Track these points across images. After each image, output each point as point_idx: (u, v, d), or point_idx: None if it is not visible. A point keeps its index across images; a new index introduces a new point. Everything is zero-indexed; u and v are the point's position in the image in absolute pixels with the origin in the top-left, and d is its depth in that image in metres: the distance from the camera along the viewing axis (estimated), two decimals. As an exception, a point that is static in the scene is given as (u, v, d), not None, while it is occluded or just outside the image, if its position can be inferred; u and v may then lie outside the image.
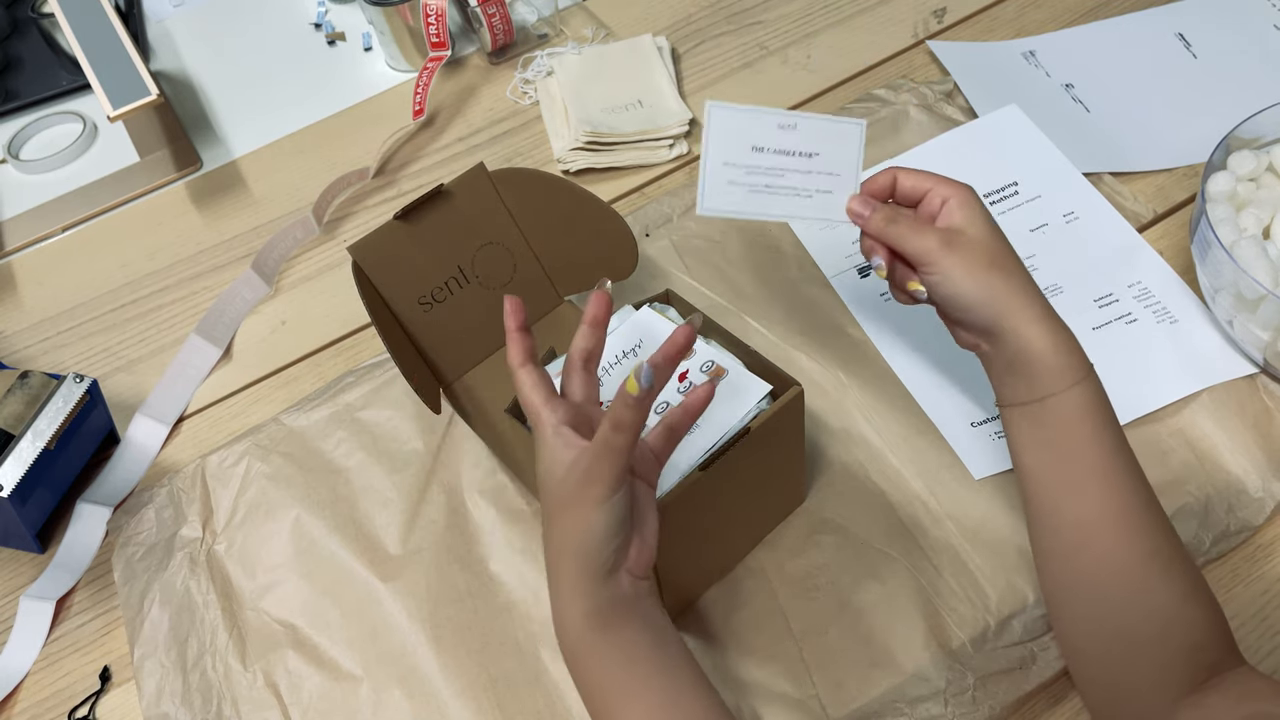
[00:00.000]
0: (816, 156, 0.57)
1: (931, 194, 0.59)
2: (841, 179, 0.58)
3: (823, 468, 0.72)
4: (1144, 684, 0.53)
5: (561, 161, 0.94)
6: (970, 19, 1.02)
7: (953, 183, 0.59)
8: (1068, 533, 0.55)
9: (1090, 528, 0.54)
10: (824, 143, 0.57)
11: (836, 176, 0.58)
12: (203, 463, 0.78)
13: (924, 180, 0.59)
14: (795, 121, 0.56)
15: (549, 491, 0.52)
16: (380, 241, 0.71)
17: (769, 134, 0.56)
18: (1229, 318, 0.72)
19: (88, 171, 1.01)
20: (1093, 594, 0.55)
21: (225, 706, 0.67)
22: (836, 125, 0.57)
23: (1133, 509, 0.54)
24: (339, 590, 0.70)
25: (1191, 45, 0.96)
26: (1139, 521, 0.54)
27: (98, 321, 0.90)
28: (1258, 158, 0.75)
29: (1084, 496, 0.55)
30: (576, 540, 0.51)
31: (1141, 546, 0.53)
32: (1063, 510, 0.55)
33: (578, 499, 0.50)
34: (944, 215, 0.58)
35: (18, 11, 1.13)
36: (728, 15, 1.06)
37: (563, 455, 0.51)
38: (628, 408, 0.48)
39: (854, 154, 0.58)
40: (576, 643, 0.52)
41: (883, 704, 0.62)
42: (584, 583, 0.51)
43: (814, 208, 0.58)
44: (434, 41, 1.00)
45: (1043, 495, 0.56)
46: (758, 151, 0.57)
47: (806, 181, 0.58)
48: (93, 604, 0.73)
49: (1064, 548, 0.56)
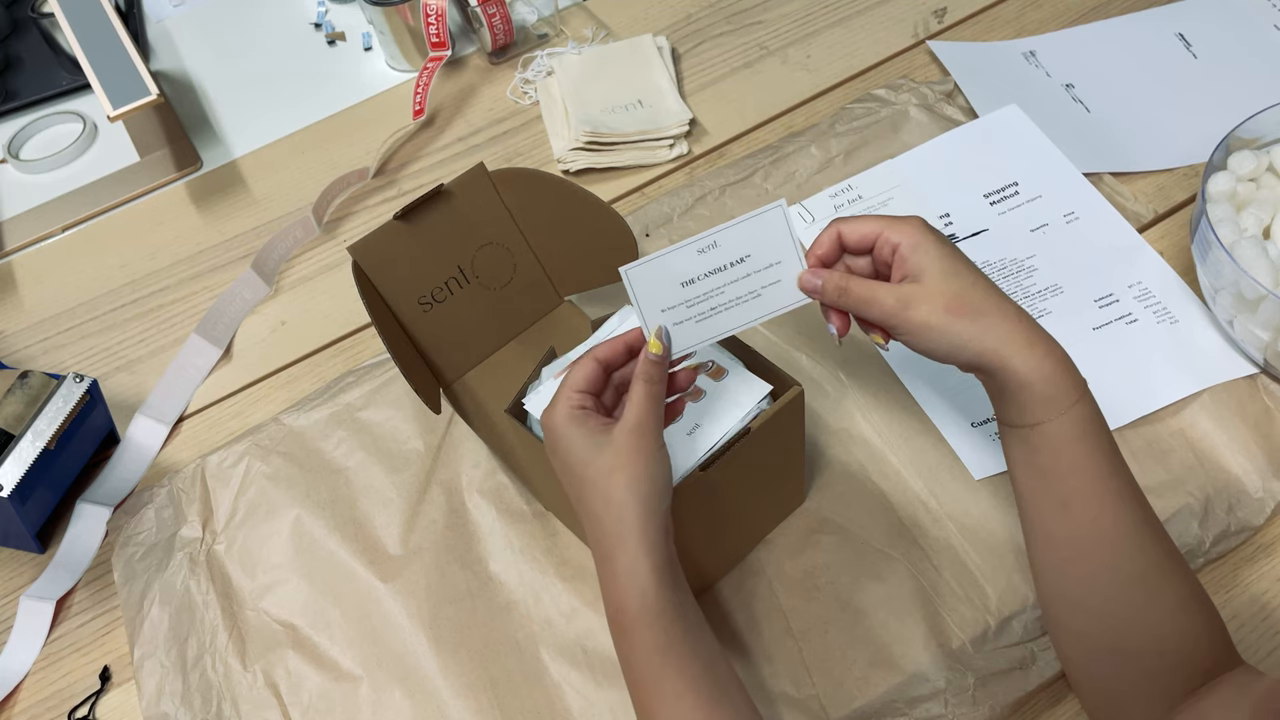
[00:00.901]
0: (748, 258, 0.56)
1: (880, 240, 0.56)
2: (784, 264, 0.56)
3: (823, 468, 0.72)
4: (1139, 692, 0.53)
5: (561, 161, 0.94)
6: (970, 19, 1.02)
7: (898, 223, 0.56)
8: (1060, 549, 0.55)
9: (1082, 546, 0.54)
10: (749, 242, 0.56)
11: (778, 264, 0.56)
12: (203, 463, 0.78)
13: (869, 227, 0.56)
14: (713, 239, 0.55)
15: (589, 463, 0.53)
16: (380, 241, 0.71)
17: (691, 264, 0.56)
18: (1229, 318, 0.72)
19: (88, 171, 1.01)
20: (1085, 608, 0.55)
21: (225, 706, 0.67)
22: (755, 219, 0.55)
23: (1123, 529, 0.53)
24: (339, 590, 0.70)
25: (1191, 45, 0.96)
26: (1131, 541, 0.53)
27: (98, 321, 0.90)
28: (1258, 158, 0.75)
29: (1076, 517, 0.54)
30: (640, 495, 0.52)
31: (1134, 565, 0.53)
32: (1054, 528, 0.55)
33: (629, 457, 0.52)
34: (896, 265, 0.56)
35: (18, 11, 1.13)
36: (728, 15, 1.06)
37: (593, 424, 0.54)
38: (654, 364, 0.54)
39: (784, 235, 0.56)
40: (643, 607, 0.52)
41: (883, 704, 0.62)
42: (650, 535, 0.52)
43: (770, 303, 0.57)
44: (434, 41, 1.00)
45: (1035, 513, 0.56)
46: (689, 285, 0.56)
47: (750, 284, 0.57)
48: (93, 604, 0.73)
49: (1056, 562, 0.56)
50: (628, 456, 0.52)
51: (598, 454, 0.53)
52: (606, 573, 0.53)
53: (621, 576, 0.52)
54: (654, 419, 0.54)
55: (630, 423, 0.53)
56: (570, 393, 0.55)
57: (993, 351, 0.53)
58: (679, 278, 0.56)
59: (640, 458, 0.52)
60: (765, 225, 0.56)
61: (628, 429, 0.53)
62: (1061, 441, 0.54)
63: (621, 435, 0.53)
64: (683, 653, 0.52)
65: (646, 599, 0.52)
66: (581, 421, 0.54)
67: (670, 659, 0.52)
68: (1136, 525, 0.54)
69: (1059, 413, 0.53)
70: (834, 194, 0.87)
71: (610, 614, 0.54)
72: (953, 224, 0.84)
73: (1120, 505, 0.54)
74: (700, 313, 0.57)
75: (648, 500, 0.52)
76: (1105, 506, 0.54)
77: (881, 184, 0.87)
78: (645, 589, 0.52)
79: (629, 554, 0.52)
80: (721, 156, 0.94)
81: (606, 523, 0.53)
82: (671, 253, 0.55)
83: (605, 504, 0.53)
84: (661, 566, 0.52)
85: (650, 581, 0.52)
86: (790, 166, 0.90)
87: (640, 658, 0.52)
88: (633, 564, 0.52)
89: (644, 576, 0.52)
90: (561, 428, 0.54)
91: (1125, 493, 0.54)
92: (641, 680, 0.52)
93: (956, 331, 0.54)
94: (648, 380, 0.54)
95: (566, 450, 0.54)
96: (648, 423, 0.53)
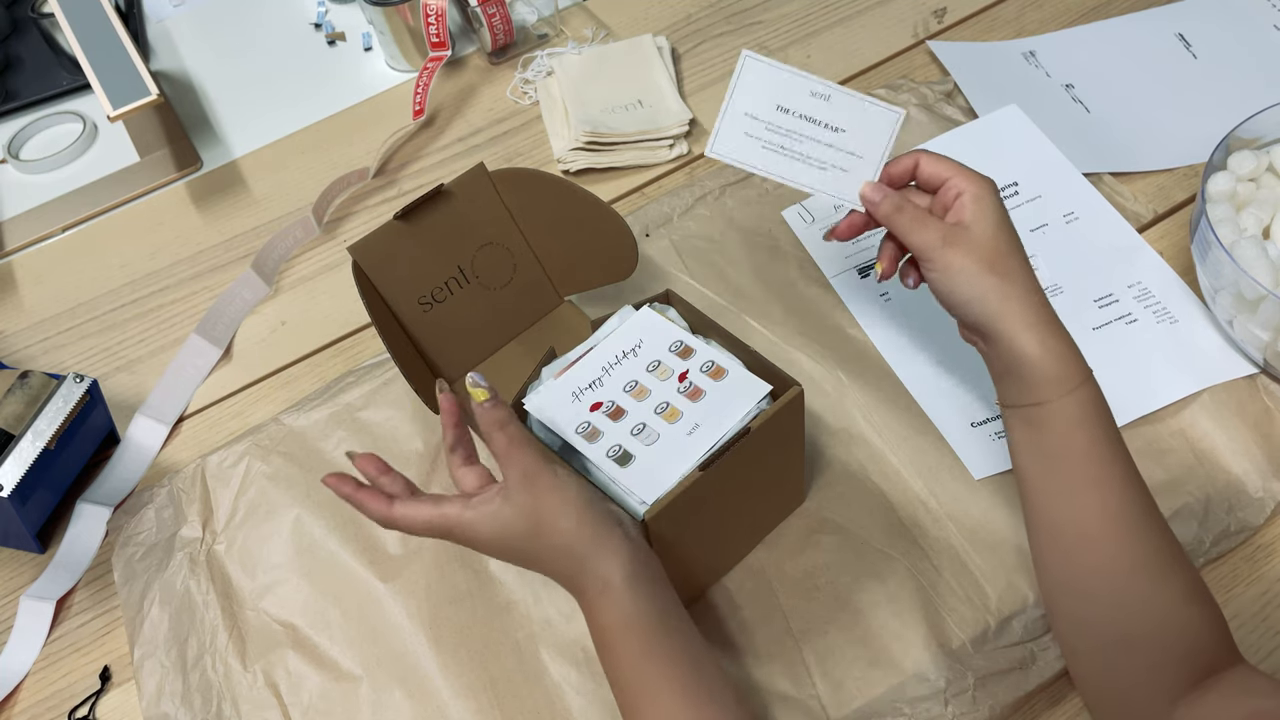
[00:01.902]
0: (842, 132, 0.56)
1: (949, 184, 0.58)
2: (863, 161, 0.57)
3: (823, 468, 0.72)
4: (1140, 685, 0.53)
5: (561, 161, 0.94)
6: (970, 19, 1.02)
7: (971, 175, 0.58)
8: (1062, 537, 0.55)
9: (1084, 533, 0.54)
10: (854, 121, 0.56)
11: (858, 158, 0.57)
12: (203, 463, 0.78)
13: (945, 168, 0.59)
14: (830, 92, 0.55)
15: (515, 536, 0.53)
16: (380, 241, 0.71)
17: (799, 97, 0.55)
18: (1229, 318, 0.72)
19: (88, 171, 1.01)
20: (1087, 597, 0.55)
21: (225, 706, 0.67)
22: (872, 107, 0.56)
23: (1127, 516, 0.54)
24: (339, 590, 0.70)
25: (1191, 45, 0.96)
26: (1134, 528, 0.54)
27: (98, 321, 0.90)
28: (1258, 158, 0.75)
29: (1078, 503, 0.54)
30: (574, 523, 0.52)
31: (1136, 552, 0.53)
32: (1057, 515, 0.55)
33: (538, 504, 0.52)
34: (955, 209, 0.58)
35: (18, 11, 1.13)
36: (728, 15, 1.06)
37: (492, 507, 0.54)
38: (493, 408, 0.54)
39: (883, 140, 0.56)
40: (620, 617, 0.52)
41: (883, 704, 0.62)
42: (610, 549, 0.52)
43: (825, 181, 0.57)
44: (434, 41, 1.00)
45: (1037, 499, 0.56)
46: (783, 111, 0.55)
47: (825, 154, 0.57)
48: (93, 604, 0.73)
49: (1059, 551, 0.56)
50: (537, 505, 0.52)
51: (514, 525, 0.53)
52: (583, 605, 0.54)
53: (594, 596, 0.53)
54: (529, 456, 0.53)
55: (516, 478, 0.53)
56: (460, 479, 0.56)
57: (1002, 317, 0.55)
58: (780, 100, 0.55)
59: (548, 497, 0.53)
60: (876, 119, 0.56)
61: (518, 483, 0.53)
62: (1066, 424, 0.54)
63: (519, 494, 0.53)
64: (667, 656, 0.52)
65: (623, 606, 0.52)
66: (479, 507, 0.54)
67: (654, 663, 0.52)
68: (1142, 513, 0.54)
69: (1064, 392, 0.54)
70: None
71: (596, 640, 0.54)
72: (953, 224, 0.84)
73: (1127, 492, 0.54)
74: (769, 142, 0.56)
75: (584, 521, 0.53)
76: (1112, 493, 0.54)
77: (881, 184, 0.87)
78: (620, 596, 0.52)
79: (595, 571, 0.52)
80: (721, 156, 0.94)
81: (565, 566, 0.53)
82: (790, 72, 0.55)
83: (554, 555, 0.53)
84: (634, 574, 0.52)
85: (623, 588, 0.52)
86: (790, 166, 0.90)
87: (626, 666, 0.52)
88: (602, 579, 0.52)
89: (617, 589, 0.52)
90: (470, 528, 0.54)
91: (1131, 478, 0.55)
92: (628, 687, 0.53)
93: (982, 284, 0.55)
94: (499, 426, 0.54)
95: (489, 541, 0.54)
96: (527, 462, 0.53)
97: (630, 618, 0.52)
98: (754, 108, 0.55)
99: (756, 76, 0.55)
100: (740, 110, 0.55)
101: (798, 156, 0.57)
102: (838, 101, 0.56)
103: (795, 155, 0.57)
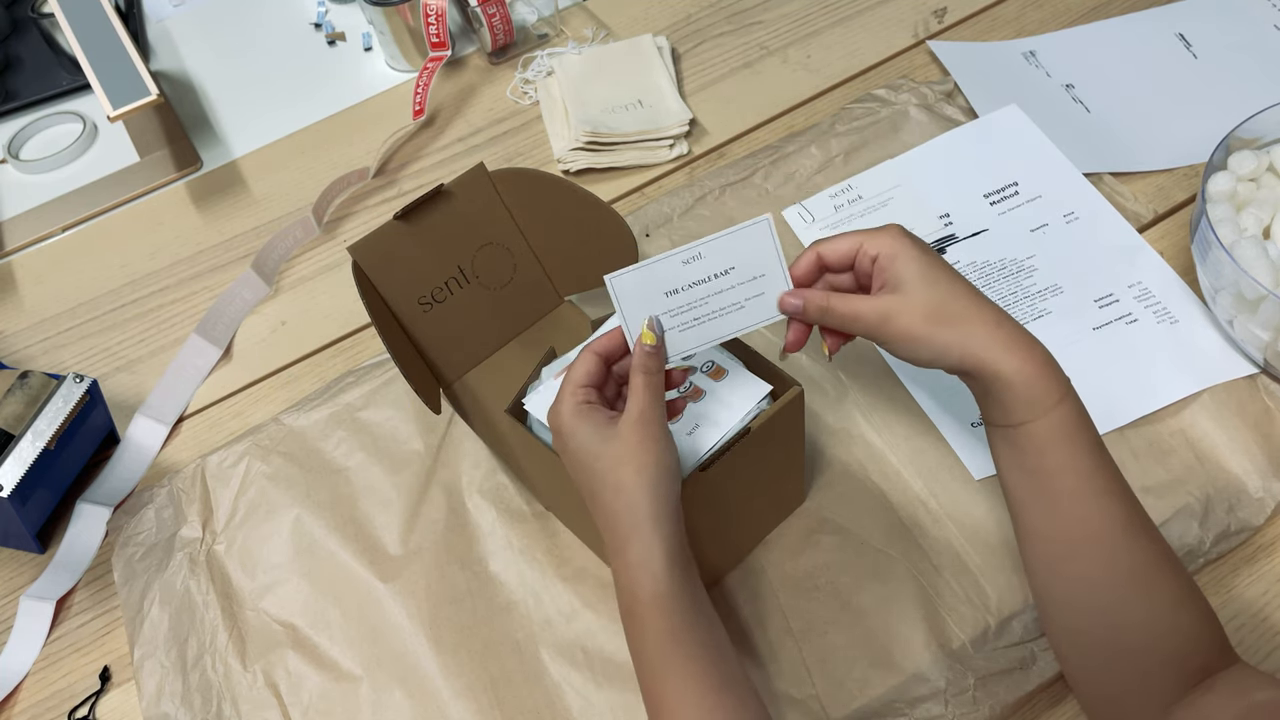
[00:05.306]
0: (733, 270, 0.57)
1: (859, 255, 0.57)
2: (768, 278, 0.57)
3: (823, 468, 0.72)
4: (1134, 691, 0.53)
5: (561, 161, 0.94)
6: (970, 19, 1.02)
7: (875, 235, 0.56)
8: (1048, 549, 0.55)
9: (1070, 545, 0.54)
10: (735, 254, 0.56)
11: (762, 278, 0.57)
12: (203, 463, 0.78)
13: (846, 243, 0.57)
14: (698, 251, 0.56)
15: (599, 456, 0.54)
16: (380, 241, 0.71)
17: (676, 274, 0.56)
18: (1229, 318, 0.72)
19: (88, 171, 1.01)
20: (1076, 607, 0.55)
21: (225, 706, 0.67)
22: (741, 232, 0.56)
23: (1111, 529, 0.54)
24: (339, 590, 0.70)
25: (1192, 45, 0.96)
26: (1122, 538, 0.54)
27: (98, 321, 0.90)
28: (1258, 158, 0.75)
29: (1061, 517, 0.54)
30: (650, 483, 0.53)
31: (1122, 563, 0.53)
32: (1042, 528, 0.55)
33: (637, 447, 0.53)
34: (876, 275, 0.56)
35: (18, 11, 1.13)
36: (728, 15, 1.06)
37: (599, 418, 0.55)
38: (650, 355, 0.55)
39: (770, 250, 0.56)
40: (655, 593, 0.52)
41: (883, 704, 0.62)
42: (662, 523, 0.53)
43: (754, 316, 0.58)
44: (434, 41, 1.00)
45: (1022, 513, 0.56)
46: (673, 294, 0.57)
47: (734, 296, 0.57)
48: (93, 604, 0.73)
49: (1046, 562, 0.56)
50: (635, 447, 0.53)
51: (605, 446, 0.54)
52: (619, 564, 0.54)
53: (634, 564, 0.53)
54: (656, 409, 0.54)
55: (634, 414, 0.54)
56: (574, 388, 0.56)
57: (974, 356, 0.54)
58: (664, 287, 0.57)
59: (647, 447, 0.53)
60: (751, 239, 0.56)
61: (632, 420, 0.54)
62: (1047, 441, 0.54)
63: (627, 427, 0.54)
64: (693, 640, 0.52)
65: (659, 585, 0.52)
66: (587, 416, 0.55)
67: (680, 645, 0.52)
68: (1126, 522, 0.54)
69: (1042, 413, 0.54)
70: (834, 194, 0.87)
71: (623, 603, 0.54)
72: (952, 224, 0.84)
73: (1109, 503, 0.54)
74: (684, 322, 0.57)
75: (658, 488, 0.53)
76: (1092, 505, 0.54)
77: (881, 184, 0.87)
78: (658, 575, 0.52)
79: (642, 541, 0.53)
80: (721, 156, 0.94)
81: (619, 513, 0.53)
82: (656, 263, 0.56)
83: (616, 494, 0.53)
84: (674, 554, 0.53)
85: (663, 568, 0.52)
86: (790, 167, 0.90)
87: (651, 643, 0.53)
88: (646, 551, 0.53)
89: (657, 563, 0.52)
90: (568, 424, 0.55)
91: (1113, 490, 0.54)
92: (651, 665, 0.53)
93: (938, 340, 0.55)
94: (646, 371, 0.55)
95: (575, 446, 0.55)
96: (650, 412, 0.54)
97: (664, 597, 0.53)
98: (649, 310, 0.56)
99: (631, 289, 0.56)
100: (640, 320, 0.56)
101: (714, 315, 0.58)
102: (710, 252, 0.56)
103: (710, 316, 0.58)
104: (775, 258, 0.57)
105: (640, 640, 0.53)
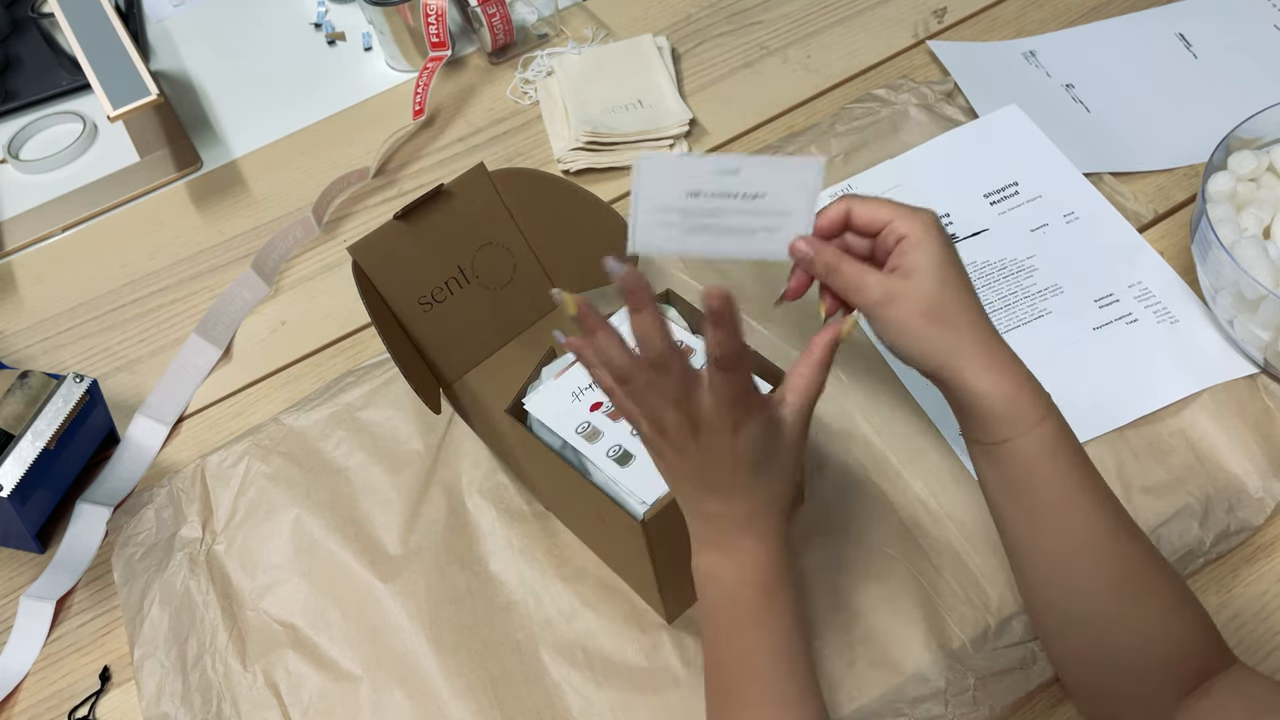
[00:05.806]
0: (762, 197, 0.54)
1: (889, 228, 0.55)
2: (791, 217, 0.55)
3: (823, 468, 0.72)
4: (1130, 698, 0.54)
5: (561, 161, 0.94)
6: (970, 19, 1.02)
7: (910, 215, 0.54)
8: (1036, 562, 0.55)
9: (1056, 559, 0.54)
10: (772, 183, 0.54)
11: (785, 215, 0.55)
12: (203, 463, 0.78)
13: (882, 211, 0.55)
14: (738, 165, 0.53)
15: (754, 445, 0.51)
16: (380, 241, 0.71)
17: (706, 179, 0.54)
18: (1229, 318, 0.72)
19: (88, 171, 1.01)
20: (1069, 617, 0.55)
21: (225, 706, 0.67)
22: (789, 165, 0.54)
23: (1098, 540, 0.53)
24: (339, 590, 0.70)
25: (1192, 45, 0.96)
26: (1105, 553, 0.53)
27: (98, 321, 0.90)
28: (1258, 158, 0.75)
29: (1046, 533, 0.54)
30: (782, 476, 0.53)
31: (1110, 574, 0.53)
32: (1027, 543, 0.55)
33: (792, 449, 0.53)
34: (896, 255, 0.55)
35: (18, 11, 1.13)
36: (728, 15, 1.06)
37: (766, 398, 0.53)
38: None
39: (809, 193, 0.54)
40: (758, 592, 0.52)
41: (883, 704, 0.62)
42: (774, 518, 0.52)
43: (758, 247, 0.56)
44: (434, 41, 1.00)
45: (1007, 528, 0.56)
46: (693, 197, 0.54)
47: (748, 221, 0.55)
48: (93, 604, 0.73)
49: (1035, 575, 0.56)
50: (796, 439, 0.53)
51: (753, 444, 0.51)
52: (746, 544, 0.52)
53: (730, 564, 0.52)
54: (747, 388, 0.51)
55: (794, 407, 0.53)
56: None
57: (952, 368, 0.53)
58: (688, 186, 0.54)
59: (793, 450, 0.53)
60: (796, 174, 0.54)
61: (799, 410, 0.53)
62: (1028, 459, 0.53)
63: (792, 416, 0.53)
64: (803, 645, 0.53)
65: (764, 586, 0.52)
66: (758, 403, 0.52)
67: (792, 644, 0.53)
68: (1112, 534, 0.53)
69: (1025, 430, 0.53)
70: (834, 194, 0.87)
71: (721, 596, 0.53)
72: (953, 224, 0.84)
73: (1093, 516, 0.53)
74: (689, 226, 0.55)
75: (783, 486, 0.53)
76: (1074, 519, 0.53)
77: (881, 184, 0.87)
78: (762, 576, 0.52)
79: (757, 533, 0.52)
80: (721, 156, 0.94)
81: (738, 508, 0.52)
82: (692, 159, 0.53)
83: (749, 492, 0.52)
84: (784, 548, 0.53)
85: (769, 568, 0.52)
86: (790, 166, 0.90)
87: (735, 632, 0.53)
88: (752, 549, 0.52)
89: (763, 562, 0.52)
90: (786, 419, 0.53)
91: (1098, 503, 0.54)
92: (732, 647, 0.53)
93: (926, 338, 0.54)
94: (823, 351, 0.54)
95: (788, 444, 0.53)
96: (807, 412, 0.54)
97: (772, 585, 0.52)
98: (664, 202, 0.54)
99: (656, 175, 0.54)
100: (650, 208, 0.54)
101: (723, 230, 0.56)
102: (749, 171, 0.54)
103: (719, 230, 0.56)
104: (809, 202, 0.55)
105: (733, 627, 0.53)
